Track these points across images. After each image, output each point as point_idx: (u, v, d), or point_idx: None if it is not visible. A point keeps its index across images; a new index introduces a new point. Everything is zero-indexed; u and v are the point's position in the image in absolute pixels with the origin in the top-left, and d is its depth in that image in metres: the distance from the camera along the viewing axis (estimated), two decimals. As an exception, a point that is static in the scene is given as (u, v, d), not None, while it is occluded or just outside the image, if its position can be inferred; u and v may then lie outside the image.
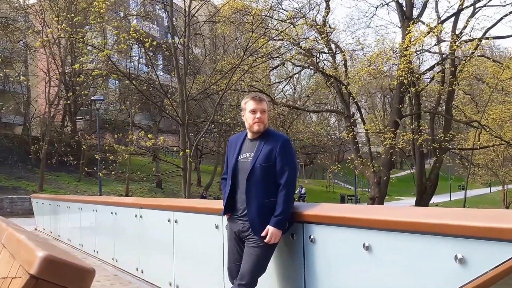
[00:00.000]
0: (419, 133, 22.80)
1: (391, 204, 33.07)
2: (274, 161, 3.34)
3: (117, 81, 33.86)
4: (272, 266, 3.50)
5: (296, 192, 23.81)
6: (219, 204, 3.74)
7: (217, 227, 4.27)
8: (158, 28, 39.40)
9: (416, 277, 2.42)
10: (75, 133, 33.38)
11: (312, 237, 3.13)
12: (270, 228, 3.23)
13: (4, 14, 31.19)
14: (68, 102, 30.13)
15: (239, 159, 3.49)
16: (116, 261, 7.29)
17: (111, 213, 7.47)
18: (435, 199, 29.50)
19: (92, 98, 23.44)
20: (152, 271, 6.08)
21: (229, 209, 3.54)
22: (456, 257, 2.18)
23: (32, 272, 1.44)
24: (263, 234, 3.24)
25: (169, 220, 5.37)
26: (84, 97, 28.58)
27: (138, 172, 21.54)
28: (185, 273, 5.15)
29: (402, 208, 2.79)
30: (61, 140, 31.55)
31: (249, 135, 3.55)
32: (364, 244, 2.69)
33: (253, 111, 3.45)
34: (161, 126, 38.56)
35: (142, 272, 6.28)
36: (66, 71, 30.05)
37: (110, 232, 7.74)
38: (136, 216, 6.39)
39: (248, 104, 3.52)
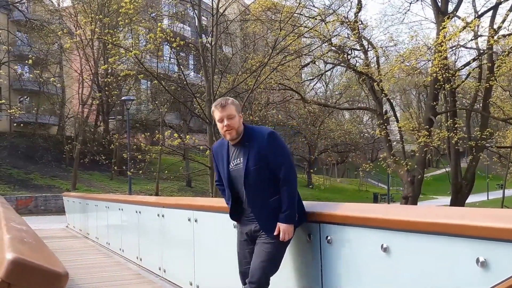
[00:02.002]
0: (455, 131, 22.17)
1: (425, 203, 32.34)
2: (265, 159, 3.15)
3: (148, 81, 34.25)
4: (289, 267, 3.37)
5: None
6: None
7: (235, 226, 4.15)
8: (189, 28, 39.65)
9: (435, 280, 2.25)
10: (108, 133, 33.94)
11: (329, 237, 2.99)
12: (281, 226, 3.10)
13: (40, 17, 31.98)
14: (98, 103, 30.57)
15: (231, 168, 3.32)
16: (140, 260, 7.28)
17: (136, 212, 7.45)
18: (472, 198, 28.75)
19: (123, 98, 23.72)
20: (173, 270, 6.02)
21: (236, 214, 3.44)
22: (478, 260, 2.01)
23: (0, 275, 1.34)
24: (275, 233, 3.11)
25: (189, 220, 5.29)
26: (115, 98, 29.01)
27: (166, 172, 21.67)
28: (205, 273, 5.07)
29: (420, 207, 2.59)
30: (94, 139, 32.15)
31: (231, 141, 3.33)
32: (382, 246, 2.54)
33: (220, 120, 3.24)
34: (191, 126, 38.84)
35: (165, 271, 6.23)
36: (99, 72, 30.57)
37: (135, 231, 7.73)
38: (158, 215, 6.34)
39: (214, 114, 3.30)
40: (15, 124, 33.51)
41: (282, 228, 3.09)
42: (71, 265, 7.63)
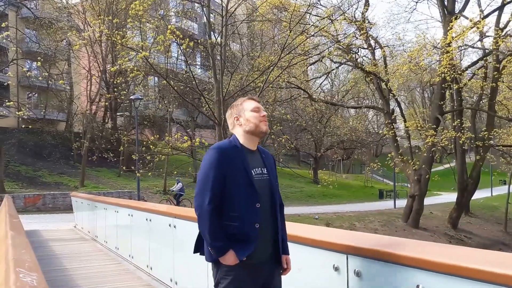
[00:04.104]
0: (462, 131, 22.11)
1: (430, 200, 32.19)
2: None
3: (156, 78, 34.17)
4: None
5: (173, 190, 23.17)
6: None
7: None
8: (197, 25, 39.54)
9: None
10: (116, 130, 33.94)
11: (357, 271, 2.82)
12: (287, 257, 2.84)
13: (48, 14, 31.94)
14: (106, 103, 30.49)
15: (254, 176, 2.68)
16: (151, 268, 7.18)
17: (146, 219, 7.35)
18: (476, 194, 28.93)
19: (131, 97, 23.65)
20: (186, 283, 5.91)
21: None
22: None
23: None
24: (285, 266, 2.83)
25: (203, 234, 5.17)
26: (123, 97, 28.99)
27: (175, 172, 21.64)
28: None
29: (465, 249, 2.47)
30: (102, 136, 32.14)
31: (250, 144, 2.78)
32: (418, 286, 2.39)
33: (257, 109, 2.77)
34: (198, 122, 38.83)
35: (176, 283, 6.12)
36: (107, 69, 30.53)
37: (145, 238, 7.63)
38: (170, 225, 6.23)
39: (247, 104, 2.80)
40: (23, 126, 33.56)
41: (289, 260, 2.85)
42: (79, 273, 7.52)
